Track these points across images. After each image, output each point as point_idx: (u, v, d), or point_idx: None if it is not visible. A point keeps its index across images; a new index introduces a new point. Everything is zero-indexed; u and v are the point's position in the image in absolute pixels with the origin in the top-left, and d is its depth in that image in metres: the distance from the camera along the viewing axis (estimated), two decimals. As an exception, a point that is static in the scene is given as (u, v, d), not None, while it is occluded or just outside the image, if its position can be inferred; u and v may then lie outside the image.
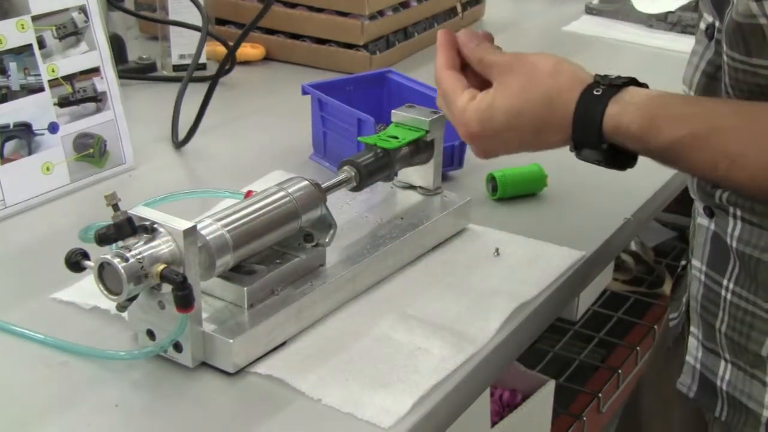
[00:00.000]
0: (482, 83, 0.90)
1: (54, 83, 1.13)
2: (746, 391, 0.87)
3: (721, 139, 0.78)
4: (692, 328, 0.93)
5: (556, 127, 0.84)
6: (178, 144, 1.28)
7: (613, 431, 1.30)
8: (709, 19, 0.85)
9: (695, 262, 0.92)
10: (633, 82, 0.84)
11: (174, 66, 1.54)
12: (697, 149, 0.79)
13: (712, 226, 0.88)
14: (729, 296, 0.87)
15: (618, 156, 0.84)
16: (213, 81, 1.29)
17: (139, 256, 0.78)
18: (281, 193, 0.91)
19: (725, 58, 0.81)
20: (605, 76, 0.84)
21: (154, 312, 0.82)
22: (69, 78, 1.15)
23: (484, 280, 0.98)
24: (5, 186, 1.09)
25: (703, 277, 0.90)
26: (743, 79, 0.79)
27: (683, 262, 1.04)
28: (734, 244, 0.85)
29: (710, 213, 0.88)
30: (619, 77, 0.84)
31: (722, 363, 0.89)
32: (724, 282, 0.87)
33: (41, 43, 1.12)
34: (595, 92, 0.83)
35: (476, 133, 0.89)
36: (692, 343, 0.93)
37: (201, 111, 1.28)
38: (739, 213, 0.84)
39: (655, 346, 1.26)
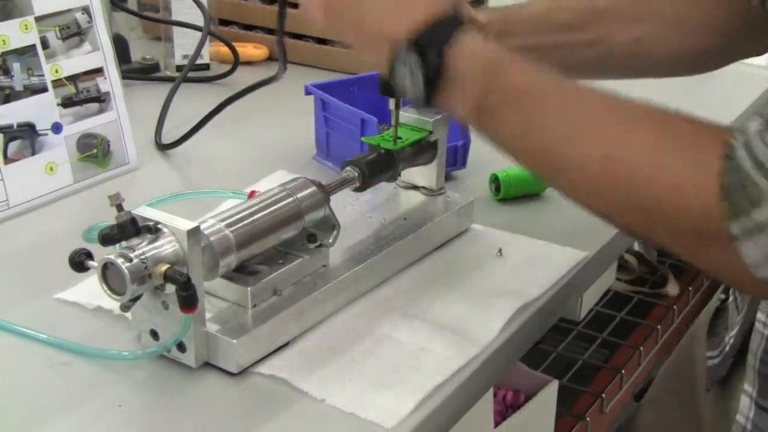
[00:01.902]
0: None
1: (57, 83, 1.13)
2: None
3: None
4: (746, 386, 0.92)
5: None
6: (162, 146, 1.27)
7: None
8: None
9: (760, 315, 0.89)
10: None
11: (177, 66, 1.54)
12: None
13: None
14: None
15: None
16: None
17: (142, 257, 0.78)
18: (284, 194, 0.91)
19: None
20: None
21: (158, 312, 0.82)
22: (72, 78, 1.15)
23: (487, 280, 0.98)
24: (9, 186, 1.09)
25: (766, 332, 0.89)
26: None
27: (722, 296, 1.02)
28: None
29: None
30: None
31: None
32: None
33: (45, 44, 1.12)
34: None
35: None
36: (744, 401, 0.92)
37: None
38: None
39: (666, 373, 1.23)
